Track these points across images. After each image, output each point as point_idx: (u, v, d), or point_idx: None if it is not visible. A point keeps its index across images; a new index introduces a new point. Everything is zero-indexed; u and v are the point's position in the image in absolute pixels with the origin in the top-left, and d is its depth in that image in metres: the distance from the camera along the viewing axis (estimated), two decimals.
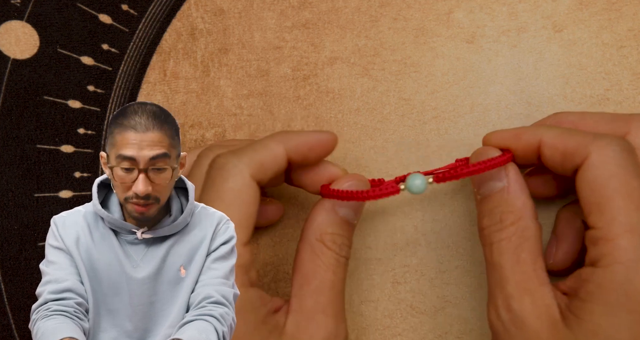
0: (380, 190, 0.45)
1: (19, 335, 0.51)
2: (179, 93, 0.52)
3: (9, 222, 0.51)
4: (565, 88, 0.51)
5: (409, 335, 0.50)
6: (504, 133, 0.47)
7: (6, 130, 0.51)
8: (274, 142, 0.45)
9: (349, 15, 0.52)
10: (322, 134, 0.46)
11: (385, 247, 0.51)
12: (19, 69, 0.51)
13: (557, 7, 0.51)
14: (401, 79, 0.52)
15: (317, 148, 0.46)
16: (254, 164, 0.44)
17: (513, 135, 0.46)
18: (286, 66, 0.52)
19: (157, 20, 0.52)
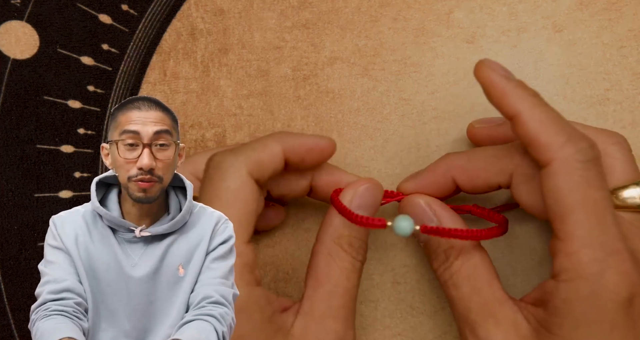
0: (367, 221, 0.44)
1: (18, 335, 0.51)
2: (178, 93, 0.52)
3: (8, 222, 0.51)
4: (565, 88, 0.51)
5: (408, 335, 0.50)
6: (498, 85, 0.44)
7: (6, 130, 0.51)
8: (272, 141, 0.45)
9: (349, 15, 0.52)
10: (321, 138, 0.46)
11: (385, 247, 0.51)
12: (19, 69, 0.51)
13: (557, 7, 0.51)
14: (401, 79, 0.52)
15: (314, 151, 0.46)
16: (251, 162, 0.44)
17: (501, 90, 0.43)
18: (286, 66, 0.52)
19: (157, 20, 0.52)
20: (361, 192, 0.46)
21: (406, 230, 0.44)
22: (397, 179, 0.50)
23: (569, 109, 0.50)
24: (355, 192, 0.46)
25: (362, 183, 0.46)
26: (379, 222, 0.44)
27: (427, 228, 0.44)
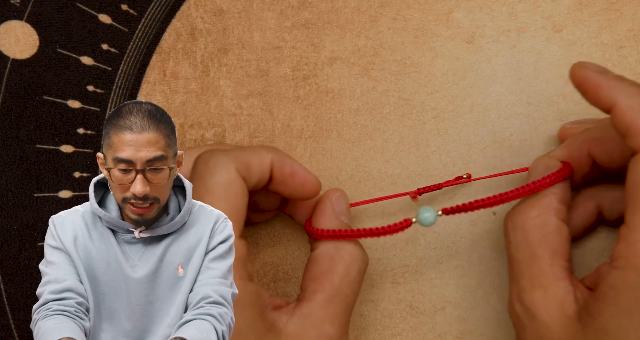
0: (395, 226, 0.46)
1: (18, 335, 0.51)
2: (178, 93, 0.52)
3: (8, 222, 0.51)
4: (565, 88, 0.51)
5: (408, 335, 0.50)
6: (589, 75, 0.44)
7: (6, 130, 0.51)
8: (264, 151, 0.46)
9: (349, 15, 0.52)
10: (309, 173, 0.47)
11: (385, 247, 0.51)
12: (19, 68, 0.51)
13: (557, 7, 0.51)
14: (401, 79, 0.52)
15: (299, 180, 0.46)
16: (240, 161, 0.44)
17: (595, 83, 0.43)
18: (286, 66, 0.52)
19: (156, 20, 0.52)
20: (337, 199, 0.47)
21: (431, 219, 0.46)
22: (397, 179, 0.50)
23: (569, 109, 0.50)
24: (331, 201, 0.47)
25: (333, 193, 0.47)
26: (405, 223, 0.46)
27: (449, 209, 0.46)
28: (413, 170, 0.50)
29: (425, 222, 0.46)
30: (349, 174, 0.51)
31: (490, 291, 0.50)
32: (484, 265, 0.50)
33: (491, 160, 0.51)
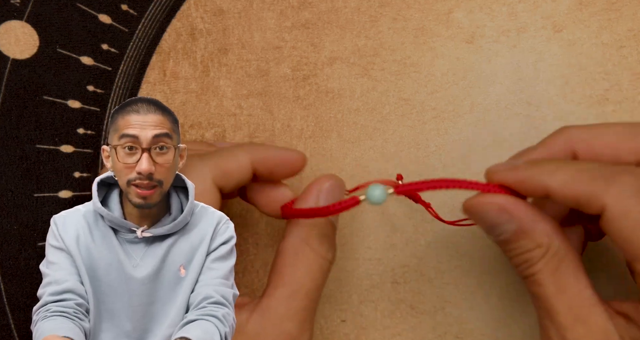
0: (340, 204, 0.43)
1: (18, 335, 0.51)
2: (178, 93, 0.52)
3: (8, 222, 0.51)
4: (565, 88, 0.51)
5: (408, 335, 0.50)
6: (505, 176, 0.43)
7: (6, 130, 0.51)
8: (242, 152, 0.45)
9: (349, 15, 0.52)
10: (291, 152, 0.46)
11: (385, 247, 0.51)
12: (19, 68, 0.51)
13: (557, 7, 0.51)
14: (401, 79, 0.52)
15: (284, 165, 0.45)
16: (218, 170, 0.44)
17: (515, 182, 0.42)
18: (286, 66, 0.52)
19: (156, 20, 0.52)
20: (327, 189, 0.45)
21: (381, 198, 0.42)
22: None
23: (569, 109, 0.50)
24: (320, 190, 0.45)
25: (324, 181, 0.45)
26: (351, 201, 0.42)
27: (400, 187, 0.42)
28: (413, 170, 0.50)
29: (374, 199, 0.42)
30: (349, 174, 0.51)
31: (490, 291, 0.50)
32: (484, 265, 0.50)
33: (491, 160, 0.51)
